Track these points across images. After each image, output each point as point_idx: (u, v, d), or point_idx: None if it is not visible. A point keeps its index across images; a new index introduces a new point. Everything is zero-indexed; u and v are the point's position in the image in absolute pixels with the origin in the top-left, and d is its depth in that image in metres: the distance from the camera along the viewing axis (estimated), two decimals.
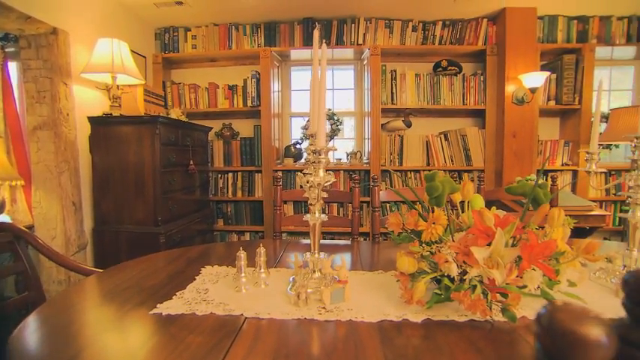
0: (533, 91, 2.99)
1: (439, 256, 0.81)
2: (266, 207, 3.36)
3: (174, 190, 2.57)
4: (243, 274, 1.02)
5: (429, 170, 3.21)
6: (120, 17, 2.91)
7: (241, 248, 1.05)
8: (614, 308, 0.90)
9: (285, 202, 3.39)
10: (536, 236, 0.79)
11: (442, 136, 3.26)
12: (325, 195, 0.95)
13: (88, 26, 2.50)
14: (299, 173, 0.89)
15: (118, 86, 2.32)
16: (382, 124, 3.27)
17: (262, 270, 1.05)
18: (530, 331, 0.79)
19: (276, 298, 0.95)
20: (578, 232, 2.87)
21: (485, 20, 3.21)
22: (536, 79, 2.94)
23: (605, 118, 3.38)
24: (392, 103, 3.23)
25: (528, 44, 3.08)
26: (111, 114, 2.32)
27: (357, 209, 1.68)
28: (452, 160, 3.25)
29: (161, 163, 2.36)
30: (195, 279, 1.10)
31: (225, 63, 3.53)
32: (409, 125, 3.19)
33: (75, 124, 2.33)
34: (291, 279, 1.05)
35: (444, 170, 3.22)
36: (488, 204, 2.58)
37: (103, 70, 2.19)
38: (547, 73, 3.02)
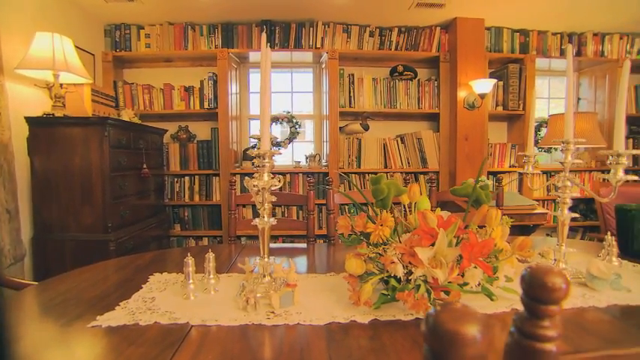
0: (482, 96, 3.15)
1: (385, 257, 0.83)
2: (224, 211, 3.29)
3: (126, 194, 2.45)
4: (191, 281, 0.99)
5: (387, 172, 3.30)
6: (62, 10, 2.72)
7: (189, 254, 1.02)
8: None
9: (244, 206, 3.34)
10: (475, 236, 0.83)
11: (399, 139, 3.36)
12: (274, 199, 0.95)
13: (23, 18, 2.30)
14: (246, 177, 0.88)
15: (61, 85, 2.18)
16: (340, 127, 3.31)
17: (211, 276, 1.03)
18: None
19: (225, 305, 0.93)
20: (523, 230, 3.06)
21: (438, 28, 3.34)
22: (485, 85, 3.10)
23: (546, 123, 3.63)
24: (350, 107, 3.28)
25: (477, 52, 3.25)
26: (53, 114, 2.17)
27: (312, 212, 1.69)
28: (408, 163, 3.35)
29: (111, 167, 2.24)
30: (142, 287, 1.05)
31: (181, 63, 3.43)
32: (367, 128, 3.25)
33: (9, 125, 2.14)
34: (241, 284, 1.04)
35: (401, 172, 3.32)
36: (443, 205, 2.67)
37: (43, 66, 2.04)
38: (494, 80, 3.20)
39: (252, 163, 3.32)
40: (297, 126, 3.35)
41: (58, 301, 0.96)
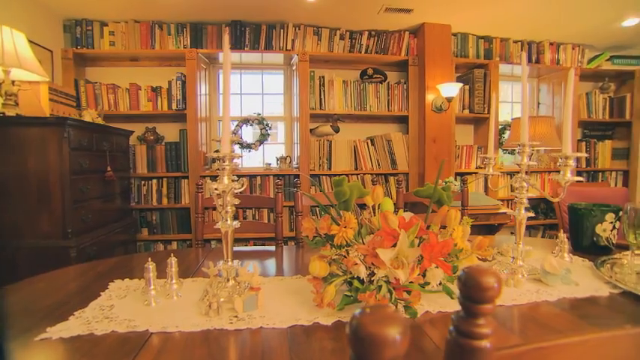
0: (449, 100, 3.25)
1: (348, 259, 0.84)
2: (193, 214, 3.23)
3: (89, 198, 2.36)
4: (152, 287, 0.96)
5: (357, 174, 3.34)
6: (13, 1, 2.58)
7: (149, 259, 0.99)
8: (503, 295, 1.01)
9: (215, 209, 3.28)
10: (436, 236, 0.85)
11: (369, 141, 3.41)
12: (237, 202, 0.94)
13: None
14: (208, 180, 0.86)
15: (13, 82, 2.06)
16: (311, 129, 3.32)
17: (174, 281, 1.00)
18: (433, 325, 0.85)
19: (187, 310, 0.91)
20: (488, 229, 3.17)
21: (407, 33, 3.42)
22: (451, 89, 3.20)
23: (509, 126, 3.79)
24: (320, 109, 3.30)
25: (444, 57, 3.35)
26: (4, 113, 2.05)
27: (281, 214, 1.68)
28: (378, 164, 3.40)
29: (71, 170, 2.14)
30: (100, 295, 1.01)
31: (147, 63, 3.34)
32: (337, 130, 3.28)
33: None
34: (205, 289, 1.02)
35: (371, 174, 3.36)
36: (412, 206, 2.72)
37: None
38: (461, 84, 3.31)
39: (211, 166, 3.28)
40: (267, 128, 3.33)
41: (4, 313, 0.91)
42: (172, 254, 1.04)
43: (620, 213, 1.38)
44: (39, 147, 2.07)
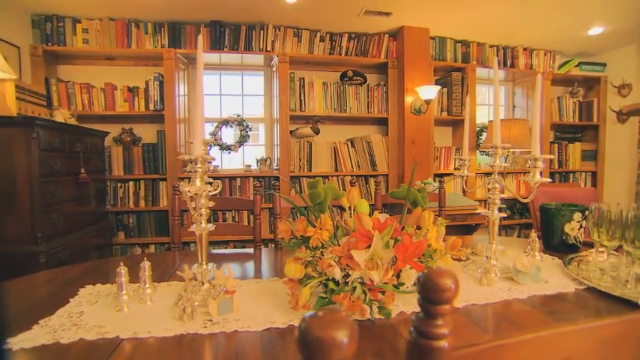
0: (428, 102, 3.31)
1: (323, 260, 0.84)
2: (171, 217, 3.16)
3: (61, 201, 2.28)
4: (124, 292, 0.94)
5: (338, 176, 3.35)
6: None
7: (122, 263, 0.96)
8: (475, 294, 1.04)
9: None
10: (409, 237, 0.86)
11: (349, 143, 3.43)
12: (212, 204, 0.92)
13: None
14: (181, 183, 0.85)
15: None
16: (291, 131, 3.32)
17: (147, 285, 0.98)
18: (408, 325, 0.86)
19: (160, 315, 0.90)
20: (466, 229, 3.24)
21: (386, 36, 3.46)
22: (430, 91, 3.26)
23: (486, 128, 3.88)
24: (301, 110, 3.30)
25: (423, 60, 3.40)
26: None
27: (259, 216, 1.67)
28: (358, 166, 3.43)
29: (41, 172, 2.07)
30: (69, 301, 0.98)
31: (124, 62, 3.26)
32: (317, 132, 3.29)
33: None
34: (180, 293, 1.00)
35: (351, 175, 3.38)
36: (391, 207, 2.75)
37: None
38: (439, 87, 3.37)
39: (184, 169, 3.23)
40: (247, 129, 3.30)
41: None
42: (146, 258, 1.02)
43: (586, 212, 1.44)
44: (5, 148, 1.99)
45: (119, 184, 3.17)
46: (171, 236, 1.72)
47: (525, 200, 1.10)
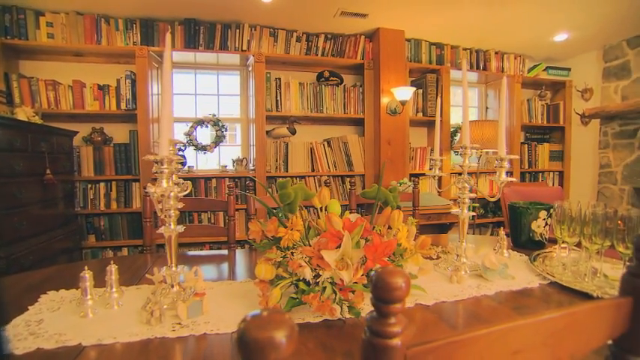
0: (403, 103, 3.36)
1: (293, 261, 0.84)
2: (144, 219, 3.08)
3: (23, 204, 2.18)
4: (88, 297, 0.91)
5: (314, 176, 3.36)
6: None
7: (86, 267, 0.93)
8: (445, 291, 1.06)
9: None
10: (379, 237, 0.87)
11: (325, 143, 3.44)
12: (180, 205, 0.91)
13: None
14: (148, 183, 0.83)
15: None
16: (267, 131, 3.30)
17: (114, 290, 0.95)
18: None
19: (127, 319, 0.87)
20: (441, 228, 3.31)
21: (362, 37, 3.49)
22: (405, 92, 3.31)
23: (460, 129, 3.98)
24: (277, 110, 3.28)
25: (399, 62, 3.45)
26: None
27: (233, 217, 1.65)
28: (335, 166, 3.44)
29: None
30: (28, 309, 0.94)
31: (94, 59, 3.15)
32: (294, 132, 3.28)
33: None
34: (148, 296, 0.98)
35: (328, 175, 3.39)
36: (367, 207, 2.76)
37: None
38: (414, 88, 3.43)
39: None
40: (223, 129, 3.26)
41: None
42: (112, 261, 0.99)
43: (551, 211, 1.50)
44: None
45: (89, 186, 3.07)
46: (144, 238, 1.68)
47: (492, 199, 1.13)
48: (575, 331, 0.40)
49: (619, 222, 1.14)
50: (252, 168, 3.26)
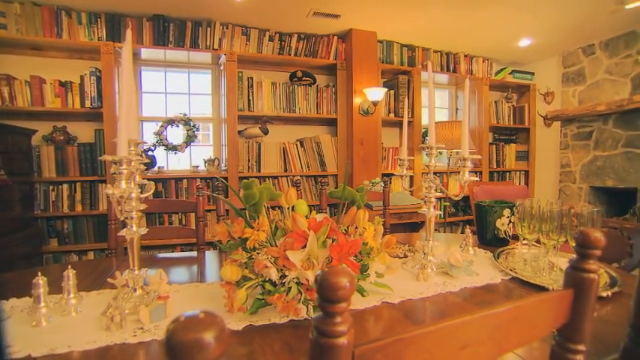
0: (375, 103, 3.40)
1: (258, 261, 0.83)
2: (109, 221, 2.97)
3: None
4: (42, 304, 0.87)
5: (287, 176, 3.35)
6: None
7: (39, 273, 0.89)
8: (411, 289, 1.08)
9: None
10: (344, 236, 0.88)
11: (298, 143, 3.44)
12: (143, 207, 0.88)
13: None
14: (108, 185, 0.80)
15: None
16: (239, 131, 3.26)
17: (71, 295, 0.91)
18: None
19: (85, 326, 0.84)
20: (413, 226, 3.37)
21: (335, 38, 3.51)
22: (377, 93, 3.35)
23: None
24: (249, 110, 3.25)
25: (371, 63, 3.49)
26: None
27: (202, 218, 1.62)
28: (308, 166, 3.44)
29: None
30: None
31: (54, 54, 3.00)
32: (266, 132, 3.26)
33: None
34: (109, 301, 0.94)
35: (301, 176, 3.39)
36: (337, 207, 2.76)
37: None
38: (385, 89, 3.48)
39: (145, 168, 3.07)
40: (194, 129, 3.19)
41: None
42: (70, 266, 0.95)
43: (514, 209, 1.56)
44: None
45: (51, 187, 2.92)
46: (109, 241, 1.62)
47: (456, 198, 1.17)
48: (520, 323, 0.41)
49: (573, 218, 1.20)
50: (225, 168, 3.21)
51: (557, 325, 0.47)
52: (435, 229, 4.15)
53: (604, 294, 0.99)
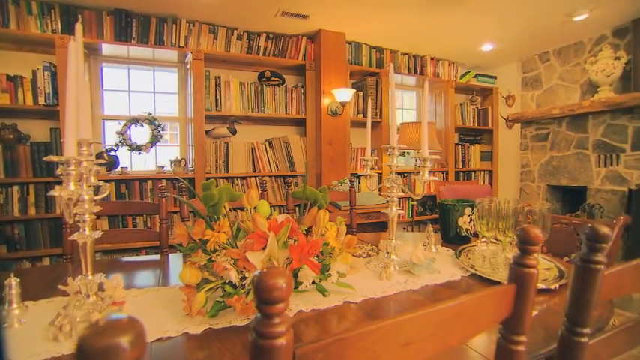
0: (343, 104, 3.43)
1: (217, 263, 0.81)
2: (64, 225, 2.83)
3: None
4: None
5: (256, 177, 3.31)
6: None
7: None
8: (373, 288, 1.10)
9: (98, 217, 2.93)
10: (304, 237, 0.88)
11: (267, 144, 3.41)
12: (97, 209, 0.84)
13: None
14: (57, 187, 0.76)
15: None
16: (207, 131, 3.19)
17: (15, 306, 0.86)
18: (306, 323, 0.87)
19: (30, 338, 0.79)
20: (381, 226, 3.42)
21: (304, 38, 3.51)
22: (345, 94, 3.38)
23: (398, 130, 4.15)
24: (216, 110, 3.19)
25: (339, 64, 3.52)
26: None
27: (165, 220, 1.58)
28: (277, 167, 3.42)
29: None
30: None
31: (0, 45, 2.81)
32: (234, 132, 3.21)
33: None
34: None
35: (270, 176, 3.37)
36: (307, 207, 2.76)
37: None
38: (354, 90, 3.52)
39: (107, 169, 2.95)
40: (159, 129, 3.09)
41: None
42: (12, 274, 0.89)
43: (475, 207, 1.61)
44: None
45: None
46: (64, 246, 1.54)
47: (417, 198, 1.19)
48: (464, 319, 0.43)
49: (528, 216, 1.26)
50: (192, 169, 3.13)
51: (500, 319, 0.49)
52: (404, 229, 4.27)
53: (552, 286, 1.04)
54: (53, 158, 0.70)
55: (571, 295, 0.56)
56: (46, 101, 2.74)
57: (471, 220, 1.69)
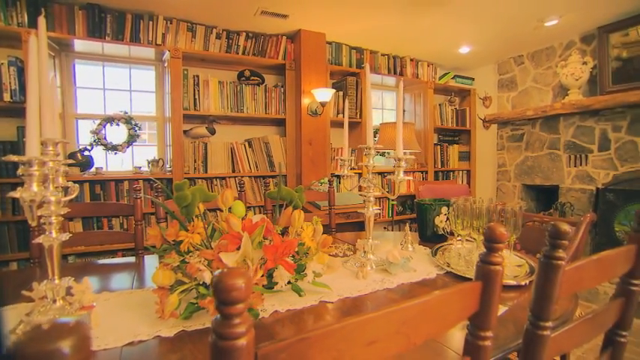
0: (323, 104, 3.43)
1: (190, 265, 0.80)
2: (31, 227, 2.73)
3: None
4: None
5: (235, 177, 3.28)
6: None
7: None
8: (350, 287, 1.10)
9: (71, 220, 2.84)
10: (279, 237, 0.88)
11: (246, 144, 3.38)
12: (64, 211, 0.82)
13: None
14: (19, 188, 0.73)
15: None
16: (185, 131, 3.14)
17: None
18: (282, 324, 0.87)
19: None
20: (361, 225, 3.44)
21: (284, 38, 3.50)
22: (325, 94, 3.38)
23: (378, 130, 4.18)
24: (195, 109, 3.14)
25: (319, 64, 3.52)
26: None
27: (140, 222, 1.54)
28: (257, 167, 3.40)
29: None
30: None
31: None
32: (213, 132, 3.17)
33: None
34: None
35: (249, 176, 3.34)
36: (285, 207, 2.74)
37: None
38: (334, 90, 3.52)
39: (81, 169, 2.85)
40: (136, 128, 3.02)
41: None
42: None
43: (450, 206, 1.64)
44: None
45: None
46: (31, 250, 1.49)
47: (393, 197, 1.21)
48: (430, 316, 0.44)
49: (501, 214, 1.30)
50: (170, 169, 3.07)
51: (467, 315, 0.50)
52: (384, 228, 4.31)
53: (523, 282, 1.07)
54: (13, 158, 0.67)
55: (535, 291, 0.58)
56: (12, 98, 2.63)
57: (447, 218, 1.73)
